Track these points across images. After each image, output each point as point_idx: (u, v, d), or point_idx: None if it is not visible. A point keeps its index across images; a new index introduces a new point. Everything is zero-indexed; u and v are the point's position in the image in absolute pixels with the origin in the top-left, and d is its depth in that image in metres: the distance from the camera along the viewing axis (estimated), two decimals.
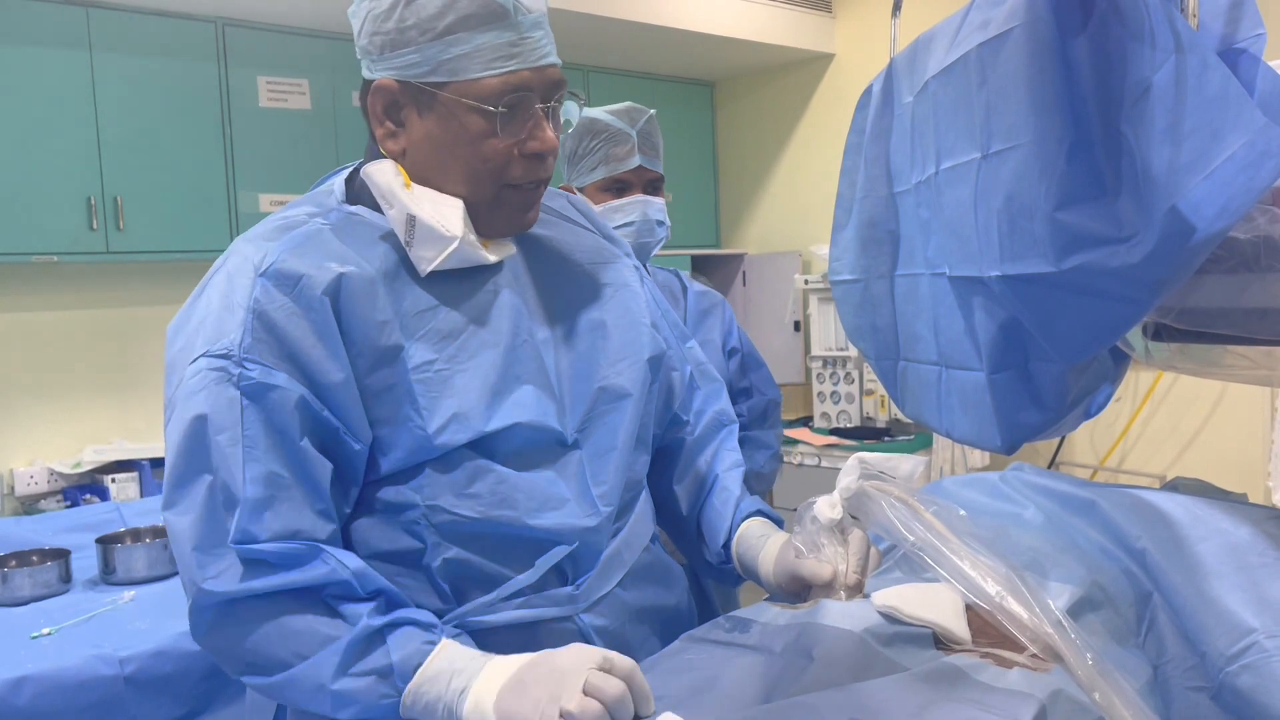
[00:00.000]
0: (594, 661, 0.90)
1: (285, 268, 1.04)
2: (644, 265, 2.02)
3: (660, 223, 1.95)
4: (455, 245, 1.07)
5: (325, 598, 0.99)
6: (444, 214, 1.08)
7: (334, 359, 1.03)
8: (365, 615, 0.97)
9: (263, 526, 0.98)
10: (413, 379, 1.05)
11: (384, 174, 1.10)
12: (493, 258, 1.13)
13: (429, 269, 1.08)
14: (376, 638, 0.97)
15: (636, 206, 1.92)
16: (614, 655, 0.91)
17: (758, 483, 2.08)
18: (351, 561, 1.00)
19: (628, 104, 1.97)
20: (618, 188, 1.93)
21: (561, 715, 0.87)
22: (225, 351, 1.01)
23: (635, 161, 1.92)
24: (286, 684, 0.98)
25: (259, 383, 1.00)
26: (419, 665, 0.95)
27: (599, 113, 1.93)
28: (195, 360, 1.03)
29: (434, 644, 0.97)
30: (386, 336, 1.05)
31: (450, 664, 0.96)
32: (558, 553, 1.09)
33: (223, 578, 0.97)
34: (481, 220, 1.12)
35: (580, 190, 1.96)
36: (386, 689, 0.95)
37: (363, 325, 1.05)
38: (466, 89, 1.06)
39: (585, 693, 0.87)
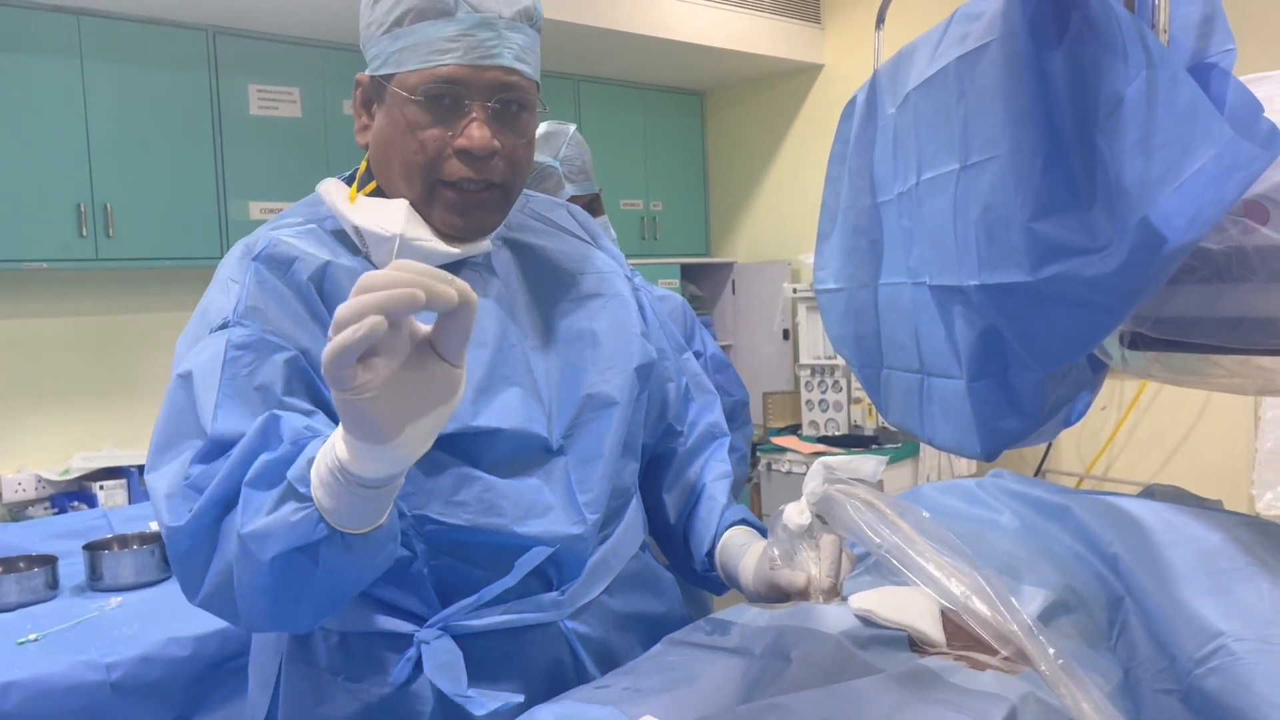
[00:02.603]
0: None
1: (277, 252, 1.07)
2: None
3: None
4: (398, 243, 1.08)
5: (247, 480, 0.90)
6: (385, 216, 1.10)
7: (325, 339, 1.03)
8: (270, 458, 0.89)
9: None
10: None
11: (329, 191, 1.15)
12: (457, 251, 1.13)
13: None
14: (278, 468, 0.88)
15: None
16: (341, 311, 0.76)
17: None
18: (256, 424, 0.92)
19: (543, 128, 1.92)
20: None
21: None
22: (222, 322, 1.03)
23: (567, 193, 1.92)
24: (237, 577, 0.89)
25: (250, 336, 1.01)
26: (311, 460, 0.86)
27: None
28: (194, 347, 1.04)
29: (325, 437, 0.88)
30: None
31: (329, 439, 0.85)
32: (538, 553, 1.09)
33: (179, 513, 0.93)
34: (426, 219, 1.13)
35: None
36: (297, 502, 0.86)
37: None
38: (403, 80, 1.08)
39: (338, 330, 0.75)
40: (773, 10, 4.66)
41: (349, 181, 1.20)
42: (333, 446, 0.83)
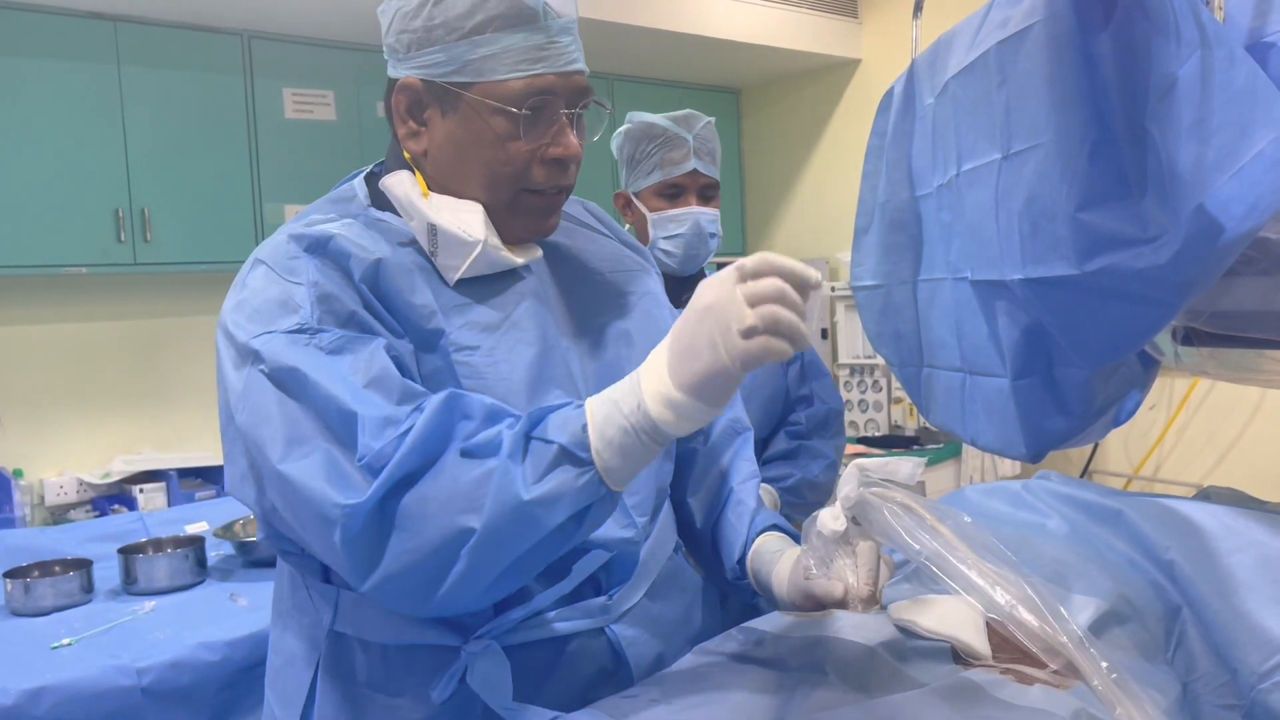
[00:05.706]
0: (733, 280, 0.86)
1: (334, 246, 1.04)
2: (703, 273, 2.02)
3: (712, 235, 1.97)
4: (480, 249, 1.06)
5: (458, 451, 0.91)
6: (464, 220, 1.07)
7: (396, 330, 1.03)
8: (504, 430, 0.91)
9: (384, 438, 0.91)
10: (455, 360, 1.04)
11: (401, 185, 1.11)
12: (519, 260, 1.12)
13: (456, 277, 1.07)
14: (528, 441, 0.91)
15: (689, 217, 1.94)
16: (746, 262, 0.86)
17: (812, 492, 2.06)
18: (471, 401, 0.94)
19: (687, 111, 2.00)
20: (672, 192, 1.95)
21: (746, 336, 0.84)
22: (299, 327, 0.98)
23: (690, 165, 1.94)
24: (485, 545, 0.88)
25: (342, 338, 0.98)
26: (584, 425, 0.90)
27: (658, 118, 1.96)
28: (261, 335, 0.98)
29: (581, 406, 0.92)
30: (428, 320, 1.05)
31: (610, 401, 0.91)
32: (595, 558, 1.06)
33: (357, 490, 0.90)
34: (501, 225, 1.11)
35: (636, 195, 1.99)
36: (576, 467, 0.89)
37: (405, 308, 1.04)
38: (491, 90, 1.05)
39: (751, 305, 0.84)
40: (809, 6, 4.60)
41: (371, 178, 1.19)
42: (640, 409, 0.89)
